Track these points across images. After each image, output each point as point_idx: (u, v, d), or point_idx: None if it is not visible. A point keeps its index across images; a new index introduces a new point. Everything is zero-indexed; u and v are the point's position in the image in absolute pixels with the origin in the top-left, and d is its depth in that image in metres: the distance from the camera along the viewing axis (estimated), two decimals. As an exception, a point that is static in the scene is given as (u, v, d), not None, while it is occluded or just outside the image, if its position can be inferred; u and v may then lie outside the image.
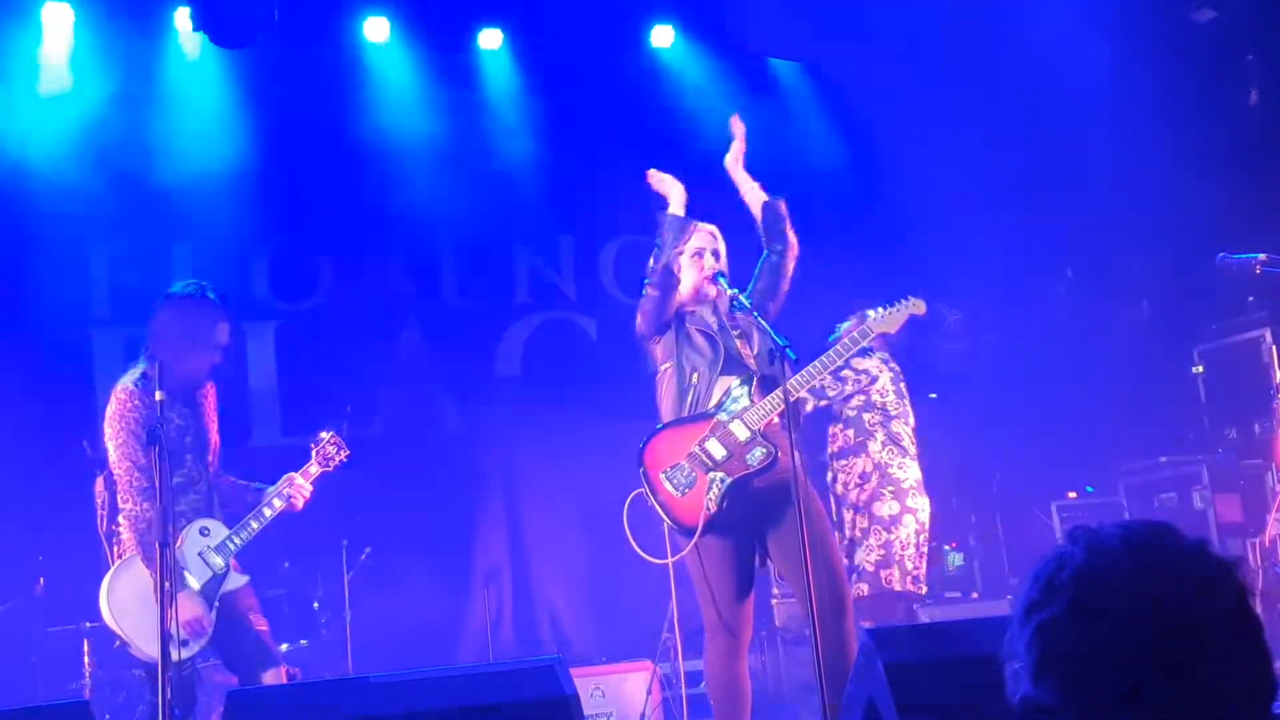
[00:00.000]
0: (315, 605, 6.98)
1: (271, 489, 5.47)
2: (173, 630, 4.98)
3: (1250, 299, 7.71)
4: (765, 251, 5.45)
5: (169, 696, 3.68)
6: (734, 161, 5.55)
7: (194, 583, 5.21)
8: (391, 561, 7.33)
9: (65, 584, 6.86)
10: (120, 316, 7.96)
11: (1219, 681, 1.33)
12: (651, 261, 5.39)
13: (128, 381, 5.32)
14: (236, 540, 5.30)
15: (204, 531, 5.32)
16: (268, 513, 5.37)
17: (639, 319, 5.39)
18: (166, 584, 4.04)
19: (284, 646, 6.79)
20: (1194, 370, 8.09)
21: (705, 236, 5.36)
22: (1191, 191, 8.03)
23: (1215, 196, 7.93)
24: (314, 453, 5.60)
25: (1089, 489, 8.27)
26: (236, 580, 5.33)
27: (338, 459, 5.64)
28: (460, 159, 8.66)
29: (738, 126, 5.59)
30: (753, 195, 5.52)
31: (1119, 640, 1.34)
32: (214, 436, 5.51)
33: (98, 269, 8.03)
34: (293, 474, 5.49)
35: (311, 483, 5.51)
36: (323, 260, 8.59)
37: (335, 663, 6.79)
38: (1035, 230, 8.78)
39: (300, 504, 5.50)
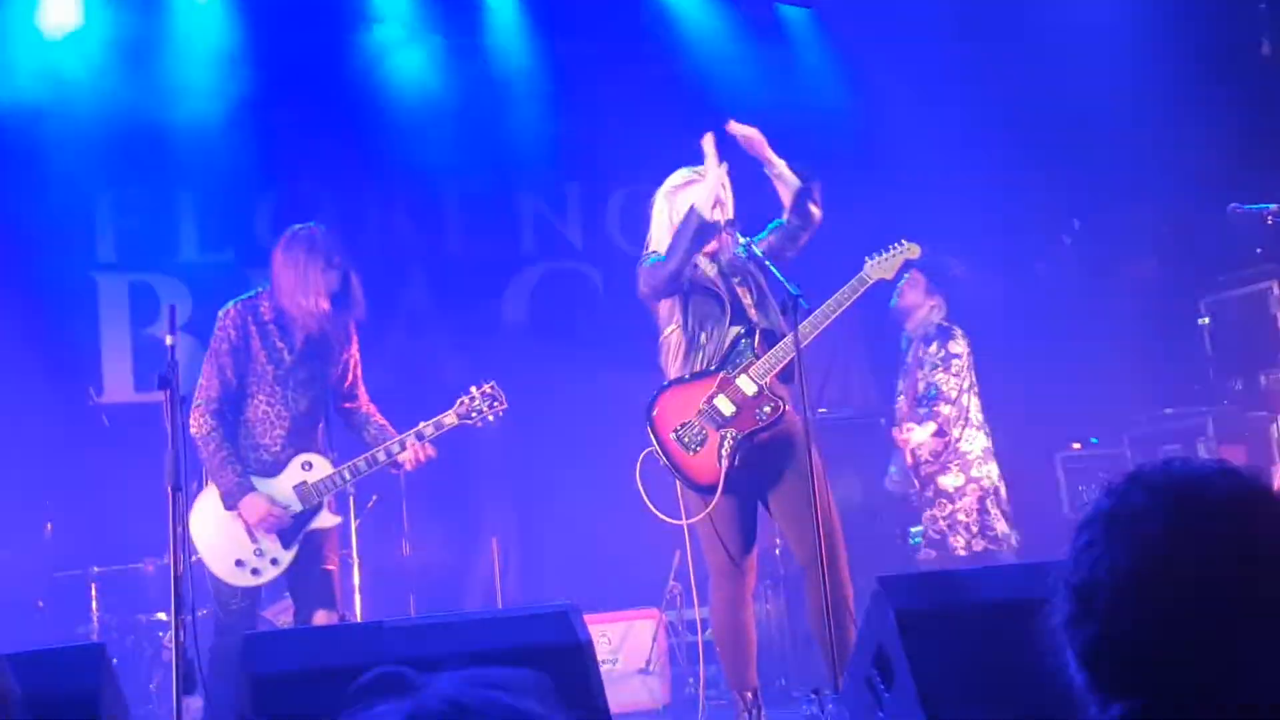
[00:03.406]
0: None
1: (401, 438, 5.39)
2: (247, 558, 5.08)
3: (1258, 250, 7.68)
4: (784, 219, 5.36)
5: (182, 639, 3.69)
6: (761, 151, 5.35)
7: (290, 511, 5.23)
8: (399, 510, 7.34)
9: (73, 529, 6.89)
10: (125, 262, 7.96)
11: None
12: (653, 236, 5.33)
13: (231, 303, 5.36)
14: (338, 481, 5.30)
15: (306, 466, 5.32)
16: (381, 457, 5.35)
17: (642, 286, 5.32)
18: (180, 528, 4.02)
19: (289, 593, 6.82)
20: (1200, 322, 8.06)
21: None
22: (1201, 142, 7.98)
23: (1225, 147, 7.88)
24: (457, 403, 5.48)
25: (1093, 440, 8.28)
26: (328, 520, 5.34)
27: (489, 413, 5.51)
28: (466, 106, 8.60)
29: (708, 146, 5.27)
30: (781, 181, 5.37)
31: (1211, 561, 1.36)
32: (341, 372, 5.50)
33: (103, 215, 8.01)
34: (424, 424, 5.40)
35: (440, 435, 5.41)
36: (327, 207, 8.55)
37: (343, 609, 6.82)
38: (1043, 181, 8.74)
39: (411, 463, 5.40)
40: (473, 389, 5.55)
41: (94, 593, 6.58)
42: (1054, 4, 8.53)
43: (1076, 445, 8.24)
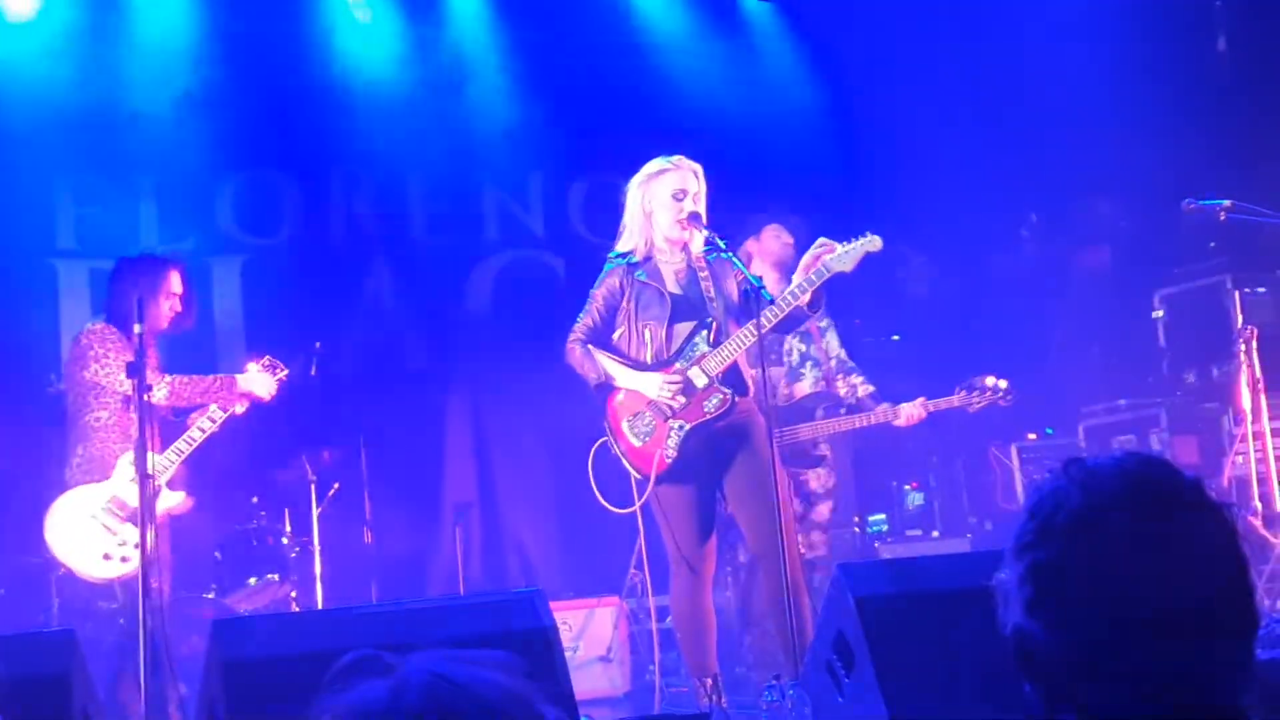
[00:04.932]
0: (284, 540, 6.99)
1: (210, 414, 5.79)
2: (113, 550, 5.34)
3: (1211, 244, 7.80)
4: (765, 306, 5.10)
5: (150, 625, 3.71)
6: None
7: (131, 504, 5.51)
8: (360, 497, 7.36)
9: (32, 516, 6.85)
10: (85, 249, 7.91)
11: (1208, 619, 1.39)
12: (626, 225, 5.41)
13: (97, 322, 5.69)
14: (164, 464, 5.60)
15: (134, 461, 5.56)
16: (197, 434, 5.72)
17: (567, 356, 5.41)
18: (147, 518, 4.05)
19: (252, 581, 6.83)
20: (1154, 315, 8.18)
21: (688, 177, 5.34)
22: (1157, 137, 8.10)
23: (1181, 143, 8.00)
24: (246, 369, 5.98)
25: (1049, 431, 8.39)
26: (170, 498, 5.67)
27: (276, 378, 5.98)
28: (429, 95, 8.61)
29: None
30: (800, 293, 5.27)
31: (1114, 584, 1.39)
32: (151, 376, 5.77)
33: (62, 201, 7.95)
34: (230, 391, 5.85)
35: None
36: (290, 195, 8.54)
37: (305, 597, 6.83)
38: (1001, 174, 8.83)
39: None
40: (250, 365, 6.05)
41: (53, 580, 6.54)
42: (1017, 1, 8.63)
43: (1032, 436, 8.35)
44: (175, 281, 5.90)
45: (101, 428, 5.82)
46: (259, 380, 5.91)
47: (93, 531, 5.66)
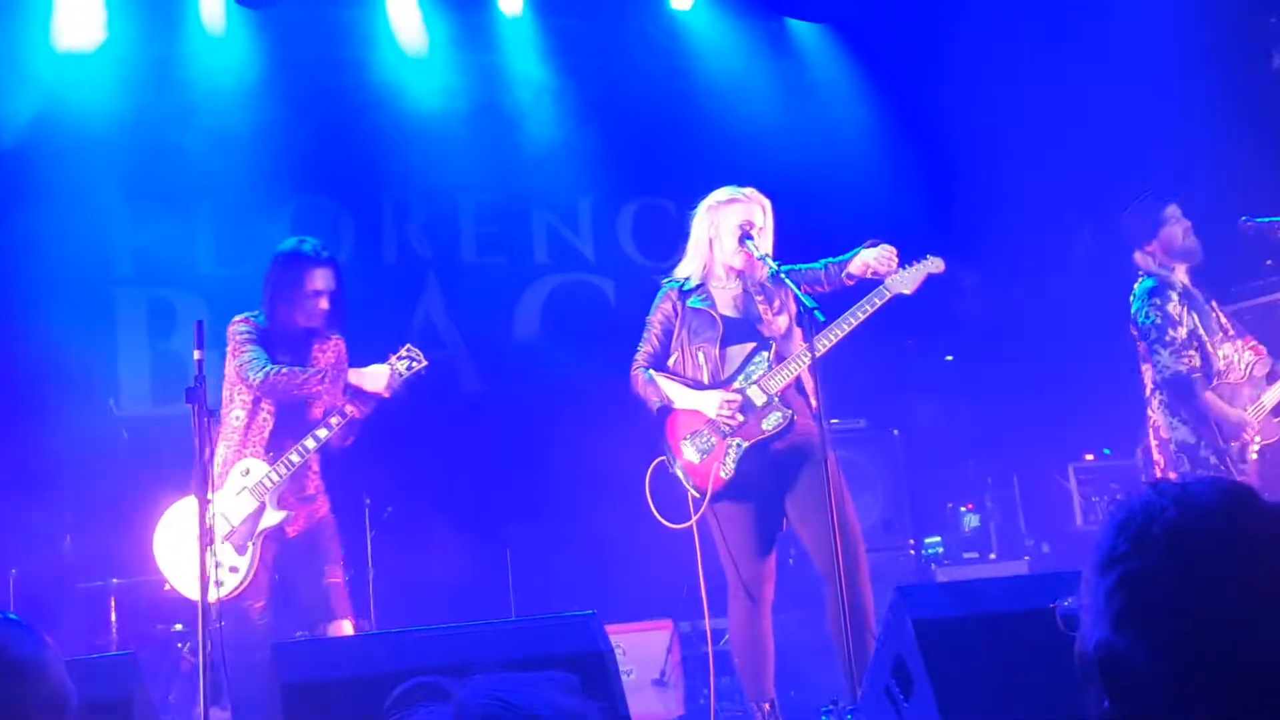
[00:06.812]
0: (339, 563, 7.02)
1: (327, 420, 5.53)
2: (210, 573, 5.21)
3: (1269, 262, 7.71)
4: (837, 273, 5.43)
5: (210, 648, 3.74)
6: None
7: (233, 521, 5.39)
8: (413, 520, 7.38)
9: (92, 541, 6.93)
10: (143, 276, 8.01)
11: None
12: (689, 249, 5.44)
13: (241, 314, 5.64)
14: (273, 478, 5.42)
15: (245, 471, 5.47)
16: (310, 444, 5.47)
17: (632, 384, 5.49)
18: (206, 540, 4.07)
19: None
20: (1211, 333, 8.07)
21: (755, 210, 5.38)
22: (1211, 154, 8.02)
23: (1234, 160, 7.92)
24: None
25: (1106, 451, 8.30)
26: (273, 516, 5.45)
27: (408, 373, 5.72)
28: (480, 120, 8.66)
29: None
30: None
31: (1210, 597, 1.38)
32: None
33: (120, 228, 8.05)
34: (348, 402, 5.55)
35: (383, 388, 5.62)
36: (343, 220, 8.61)
37: (358, 619, 6.86)
38: (1054, 192, 8.78)
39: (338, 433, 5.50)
40: (391, 357, 5.76)
41: (113, 605, 6.61)
42: (1067, 15, 8.57)
43: (1090, 456, 8.26)
44: (320, 279, 5.59)
45: (240, 428, 5.51)
46: (374, 373, 5.59)
47: (195, 551, 5.41)
